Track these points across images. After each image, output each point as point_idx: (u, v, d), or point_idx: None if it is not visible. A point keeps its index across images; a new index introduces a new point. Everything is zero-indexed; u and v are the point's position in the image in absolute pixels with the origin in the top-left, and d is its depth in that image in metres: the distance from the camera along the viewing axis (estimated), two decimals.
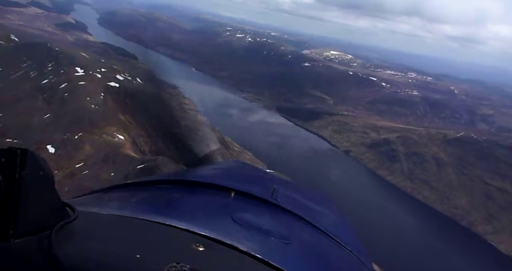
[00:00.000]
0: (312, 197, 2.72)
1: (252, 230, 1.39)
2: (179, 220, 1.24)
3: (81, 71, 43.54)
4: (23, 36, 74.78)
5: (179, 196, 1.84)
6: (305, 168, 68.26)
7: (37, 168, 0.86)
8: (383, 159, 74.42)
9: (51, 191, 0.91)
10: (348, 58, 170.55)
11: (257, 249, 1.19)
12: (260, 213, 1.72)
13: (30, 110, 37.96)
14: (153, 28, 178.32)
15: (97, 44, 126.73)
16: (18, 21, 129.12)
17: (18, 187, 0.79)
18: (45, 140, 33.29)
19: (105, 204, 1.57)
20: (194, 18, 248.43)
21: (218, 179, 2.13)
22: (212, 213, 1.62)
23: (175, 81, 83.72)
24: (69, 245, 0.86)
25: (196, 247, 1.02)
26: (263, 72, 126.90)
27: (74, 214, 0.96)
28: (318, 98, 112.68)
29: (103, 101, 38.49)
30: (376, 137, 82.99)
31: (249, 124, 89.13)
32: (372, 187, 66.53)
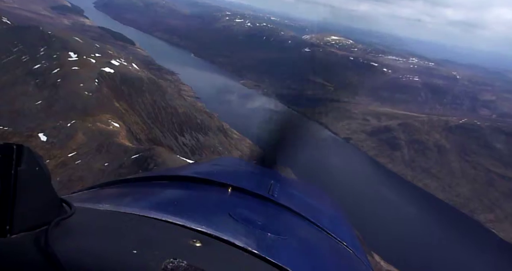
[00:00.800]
0: (309, 192, 2.77)
1: (249, 226, 1.41)
2: (176, 216, 1.25)
3: (75, 56, 42.02)
4: (17, 19, 72.63)
5: (176, 192, 1.84)
6: (306, 156, 67.35)
7: (33, 164, 0.85)
8: (384, 146, 73.60)
9: (47, 187, 0.91)
10: (349, 44, 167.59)
11: (254, 244, 1.20)
12: (256, 208, 1.73)
13: (21, 96, 36.73)
14: (151, 13, 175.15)
15: (94, 29, 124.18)
16: (12, 4, 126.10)
17: (14, 183, 0.79)
18: (36, 127, 32.19)
19: (102, 200, 1.53)
20: (193, 2, 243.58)
21: (214, 175, 2.10)
22: (209, 208, 1.62)
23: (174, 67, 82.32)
24: (65, 241, 0.86)
25: (193, 243, 1.04)
26: (263, 58, 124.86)
27: (71, 210, 0.97)
28: (317, 85, 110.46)
29: (97, 88, 37.20)
30: (377, 124, 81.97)
31: (248, 111, 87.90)
32: (372, 175, 65.94)
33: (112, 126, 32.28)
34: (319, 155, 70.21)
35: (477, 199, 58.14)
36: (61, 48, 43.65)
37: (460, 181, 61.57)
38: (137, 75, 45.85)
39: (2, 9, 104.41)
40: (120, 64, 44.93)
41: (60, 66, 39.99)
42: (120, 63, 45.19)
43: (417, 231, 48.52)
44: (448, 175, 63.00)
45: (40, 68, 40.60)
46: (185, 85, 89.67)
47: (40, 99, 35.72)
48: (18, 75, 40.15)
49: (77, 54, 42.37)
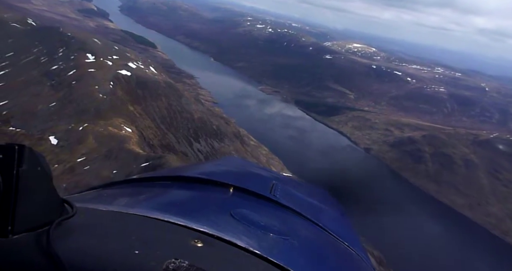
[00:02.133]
0: (311, 192, 2.71)
1: (251, 226, 1.41)
2: (178, 216, 1.25)
3: (92, 57, 41.44)
4: (43, 21, 73.86)
5: (177, 192, 1.84)
6: (323, 166, 65.03)
7: (35, 164, 0.86)
8: (407, 158, 70.11)
9: (49, 187, 0.91)
10: (372, 51, 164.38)
11: (256, 245, 1.21)
12: (258, 209, 1.73)
13: (36, 97, 36.24)
14: (174, 16, 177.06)
15: (117, 32, 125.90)
16: (41, 7, 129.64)
17: (16, 183, 0.80)
18: (48, 129, 31.42)
19: (103, 200, 1.59)
20: (215, 7, 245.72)
21: (216, 175, 2.12)
22: (211, 209, 1.61)
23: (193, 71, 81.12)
24: (67, 241, 0.87)
25: (195, 243, 1.04)
26: (283, 64, 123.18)
27: (73, 210, 0.97)
28: (338, 92, 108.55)
29: (111, 91, 36.29)
30: (400, 134, 78.52)
31: (266, 117, 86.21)
32: (394, 189, 62.61)
33: (124, 131, 31.13)
34: (338, 165, 67.57)
35: (510, 220, 54.00)
36: (79, 50, 43.24)
37: (490, 199, 57.52)
38: (153, 78, 44.90)
39: (31, 11, 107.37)
40: (137, 67, 44.10)
41: (76, 68, 39.43)
42: (137, 66, 44.37)
43: (443, 251, 45.12)
44: (477, 192, 59.03)
45: (56, 69, 40.18)
46: (204, 90, 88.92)
47: (54, 101, 35.07)
48: (35, 75, 39.82)
49: (94, 56, 41.79)
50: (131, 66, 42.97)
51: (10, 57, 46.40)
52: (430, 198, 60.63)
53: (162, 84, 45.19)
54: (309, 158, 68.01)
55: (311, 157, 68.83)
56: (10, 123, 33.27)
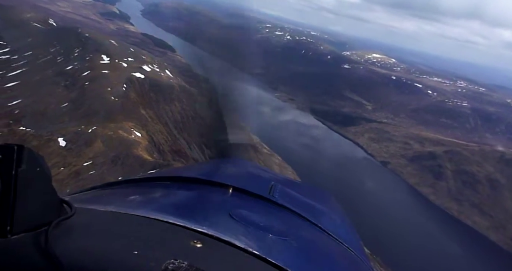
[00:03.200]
0: (311, 193, 2.69)
1: (250, 227, 1.42)
2: (177, 217, 1.26)
3: (107, 59, 40.90)
4: (64, 22, 74.80)
5: (176, 193, 1.86)
6: (337, 177, 62.74)
7: (34, 164, 0.86)
8: (426, 174, 67.04)
9: (48, 188, 0.91)
10: (391, 62, 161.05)
11: (255, 245, 1.21)
12: (257, 209, 1.75)
13: (49, 97, 35.73)
14: (194, 21, 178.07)
15: (137, 35, 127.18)
16: (65, 8, 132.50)
17: (15, 184, 0.80)
18: (58, 131, 30.66)
19: (102, 200, 1.60)
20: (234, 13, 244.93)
21: (216, 175, 2.11)
22: (210, 209, 1.62)
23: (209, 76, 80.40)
24: (66, 242, 0.87)
25: (194, 244, 1.04)
26: (300, 72, 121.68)
27: (71, 211, 0.97)
28: (355, 103, 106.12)
29: (124, 93, 35.46)
30: (420, 149, 75.46)
31: (281, 125, 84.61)
32: (412, 206, 59.74)
33: (133, 136, 30.08)
34: (353, 177, 65.18)
35: None
36: (95, 51, 42.81)
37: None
38: (168, 82, 44.03)
39: (55, 12, 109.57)
40: (151, 70, 43.32)
41: (90, 69, 38.88)
42: (152, 69, 43.61)
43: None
44: (502, 213, 55.54)
45: (71, 69, 39.75)
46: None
47: (66, 102, 34.44)
48: (50, 75, 39.45)
49: (109, 58, 41.23)
50: (145, 69, 42.21)
51: (28, 56, 46.50)
52: (451, 218, 57.44)
53: (177, 88, 44.26)
54: (323, 168, 65.83)
55: (325, 168, 66.64)
56: (21, 123, 32.78)
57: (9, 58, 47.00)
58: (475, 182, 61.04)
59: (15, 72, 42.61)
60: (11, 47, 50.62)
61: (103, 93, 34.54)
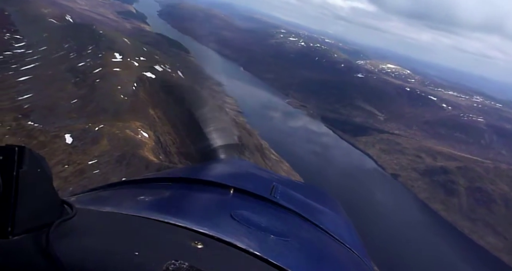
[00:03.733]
0: (312, 194, 2.71)
1: (251, 228, 1.42)
2: (178, 218, 1.26)
3: (119, 57, 40.63)
4: (81, 19, 75.35)
5: (178, 194, 1.86)
6: (346, 188, 61.25)
7: (35, 165, 0.86)
8: (438, 190, 65.11)
9: (49, 188, 0.92)
10: (406, 73, 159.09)
11: (256, 246, 1.21)
12: (258, 210, 1.74)
13: (59, 93, 35.51)
14: (209, 24, 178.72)
15: (152, 35, 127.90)
16: (84, 6, 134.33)
17: (16, 185, 0.80)
18: (65, 127, 30.30)
19: (103, 201, 1.60)
20: (250, 18, 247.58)
21: (217, 176, 2.13)
22: (211, 210, 1.64)
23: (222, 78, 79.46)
24: (67, 243, 0.87)
25: (195, 245, 1.04)
26: (312, 79, 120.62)
27: (73, 212, 0.97)
28: (367, 112, 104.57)
29: (133, 92, 35.02)
30: (432, 163, 73.50)
31: (290, 131, 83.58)
32: (422, 221, 57.88)
33: (140, 136, 29.51)
34: (361, 189, 63.65)
35: None
36: (108, 48, 42.61)
37: None
38: (179, 83, 43.54)
39: (73, 9, 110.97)
40: (163, 70, 42.92)
41: (102, 66, 38.61)
42: (163, 69, 43.20)
43: None
44: None
45: (83, 66, 39.55)
46: (230, 98, 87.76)
47: (75, 98, 34.14)
48: (62, 71, 39.31)
49: (121, 56, 40.95)
50: (157, 69, 41.81)
51: (43, 51, 46.64)
52: (463, 236, 55.41)
53: (187, 89, 43.73)
54: (332, 178, 64.45)
55: (334, 177, 65.24)
56: (30, 118, 32.55)
57: (24, 52, 47.21)
58: (490, 201, 58.93)
59: (29, 66, 42.68)
60: (27, 41, 50.95)
61: (113, 91, 34.13)
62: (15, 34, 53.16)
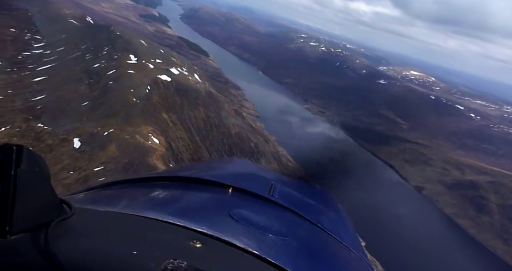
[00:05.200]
0: (311, 193, 2.71)
1: (249, 227, 1.42)
2: (177, 217, 1.26)
3: (134, 59, 39.47)
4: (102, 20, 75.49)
5: (176, 193, 1.85)
6: (367, 200, 58.16)
7: (33, 165, 0.86)
8: (466, 205, 60.92)
9: (47, 188, 0.91)
10: (430, 81, 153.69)
11: (254, 245, 1.22)
12: (257, 209, 1.75)
13: (72, 94, 34.53)
14: (230, 28, 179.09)
15: (173, 37, 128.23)
16: (108, 9, 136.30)
17: (14, 184, 0.80)
18: (74, 130, 29.09)
19: (102, 200, 1.60)
20: (270, 22, 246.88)
21: (215, 175, 2.13)
22: (210, 209, 1.64)
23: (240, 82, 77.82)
24: (65, 242, 0.87)
25: (194, 244, 1.04)
26: (332, 84, 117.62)
27: (71, 211, 0.97)
28: (390, 121, 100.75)
29: (146, 95, 33.60)
30: (459, 176, 69.17)
31: (309, 138, 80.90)
32: (448, 238, 53.98)
33: (150, 142, 27.89)
34: (384, 202, 60.34)
35: None
36: (123, 50, 41.56)
37: None
38: (194, 86, 41.97)
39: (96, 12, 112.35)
40: (179, 73, 41.45)
41: (116, 68, 37.48)
42: (180, 72, 41.75)
43: None
44: None
45: (97, 67, 38.56)
46: (248, 102, 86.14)
47: (87, 100, 33.00)
48: (76, 72, 38.45)
49: (137, 58, 39.77)
50: (173, 72, 40.38)
51: (60, 52, 46.21)
52: (494, 257, 51.19)
53: (203, 93, 42.10)
54: (351, 189, 61.44)
55: (354, 188, 62.19)
56: (40, 119, 31.61)
57: (42, 52, 46.93)
58: None
59: (45, 67, 42.17)
60: (46, 41, 50.83)
61: (125, 94, 32.80)
62: (35, 34, 53.24)
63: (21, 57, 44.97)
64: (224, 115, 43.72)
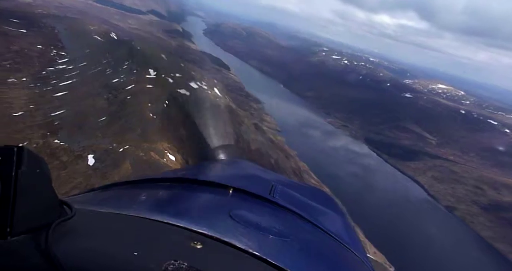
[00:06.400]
0: (311, 194, 2.73)
1: (250, 228, 1.42)
2: (177, 218, 1.26)
3: (154, 73, 38.99)
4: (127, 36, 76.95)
5: (177, 194, 1.86)
6: (394, 221, 54.74)
7: (34, 166, 0.86)
8: (505, 229, 56.24)
9: (48, 189, 0.91)
10: (459, 95, 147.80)
11: (255, 246, 1.22)
12: (257, 210, 1.76)
13: (90, 109, 34.18)
14: (251, 42, 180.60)
15: (195, 52, 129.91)
16: (134, 25, 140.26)
17: (15, 185, 0.80)
18: (90, 147, 28.40)
19: (103, 202, 1.60)
20: (292, 36, 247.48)
21: (216, 176, 2.15)
22: (210, 210, 1.65)
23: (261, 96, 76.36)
24: (66, 243, 0.87)
25: (194, 245, 1.04)
26: (355, 98, 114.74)
27: (72, 212, 0.97)
28: (417, 135, 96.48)
29: (164, 110, 32.74)
30: (496, 196, 64.39)
31: (331, 153, 78.23)
32: (486, 265, 49.56)
33: (166, 159, 26.70)
34: (412, 223, 56.59)
35: None
36: (143, 64, 41.28)
37: None
38: (214, 101, 40.96)
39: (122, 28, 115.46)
40: (199, 87, 40.64)
41: (135, 83, 37.03)
42: (199, 86, 40.94)
43: None
44: None
45: (116, 82, 38.29)
46: (268, 116, 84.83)
47: (104, 116, 32.46)
48: (96, 87, 38.31)
49: (156, 72, 39.28)
50: (192, 86, 39.59)
51: (82, 67, 46.66)
52: None
53: (222, 108, 40.98)
54: (378, 208, 58.16)
55: (380, 207, 58.87)
56: (57, 135, 31.23)
57: (65, 68, 47.56)
58: None
59: (67, 82, 42.47)
60: (70, 57, 51.67)
61: (142, 109, 32.04)
62: (60, 50, 54.34)
63: (45, 73, 45.65)
64: (243, 130, 42.33)
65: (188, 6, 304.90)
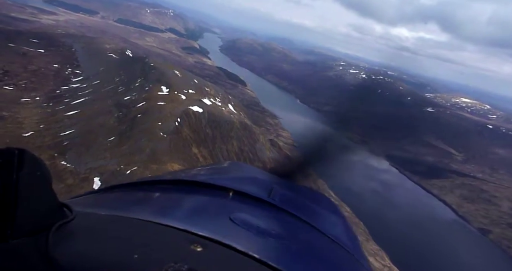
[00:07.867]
0: (311, 197, 2.78)
1: (250, 230, 1.42)
2: (177, 220, 1.26)
3: (166, 90, 37.75)
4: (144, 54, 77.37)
5: (177, 196, 1.84)
6: (422, 244, 50.66)
7: (35, 169, 0.86)
8: None
9: (48, 191, 0.91)
10: (485, 109, 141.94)
11: (255, 249, 1.22)
12: (257, 213, 1.75)
13: (100, 129, 32.97)
14: (267, 57, 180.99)
15: (212, 68, 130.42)
16: (152, 43, 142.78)
17: (16, 188, 0.80)
18: (96, 168, 26.91)
19: (103, 204, 1.61)
20: (308, 51, 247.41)
21: (216, 179, 2.13)
22: (210, 213, 1.64)
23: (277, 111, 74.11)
24: (66, 246, 0.87)
25: (194, 248, 1.04)
26: (375, 112, 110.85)
27: (72, 215, 0.97)
28: (441, 151, 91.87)
29: (175, 128, 31.10)
30: None
31: (351, 170, 74.76)
32: None
33: None
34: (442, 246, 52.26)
35: None
36: (156, 81, 40.18)
37: None
38: (228, 117, 39.20)
39: (140, 46, 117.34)
40: (212, 104, 39.04)
41: (146, 100, 35.77)
42: (213, 103, 39.36)
43: None
44: None
45: (128, 100, 37.18)
46: (285, 131, 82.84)
47: (114, 135, 31.08)
48: (108, 105, 37.28)
49: (168, 89, 38.03)
50: (205, 103, 38.04)
51: (95, 85, 46.18)
52: None
53: (237, 125, 39.13)
54: (403, 229, 54.33)
55: (406, 228, 54.93)
56: (65, 156, 29.97)
57: (79, 86, 47.20)
58: None
59: (79, 100, 41.82)
60: (84, 75, 51.56)
61: (153, 128, 30.51)
62: (76, 69, 54.43)
63: (59, 92, 45.32)
64: (259, 148, 40.20)
65: (205, 23, 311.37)
